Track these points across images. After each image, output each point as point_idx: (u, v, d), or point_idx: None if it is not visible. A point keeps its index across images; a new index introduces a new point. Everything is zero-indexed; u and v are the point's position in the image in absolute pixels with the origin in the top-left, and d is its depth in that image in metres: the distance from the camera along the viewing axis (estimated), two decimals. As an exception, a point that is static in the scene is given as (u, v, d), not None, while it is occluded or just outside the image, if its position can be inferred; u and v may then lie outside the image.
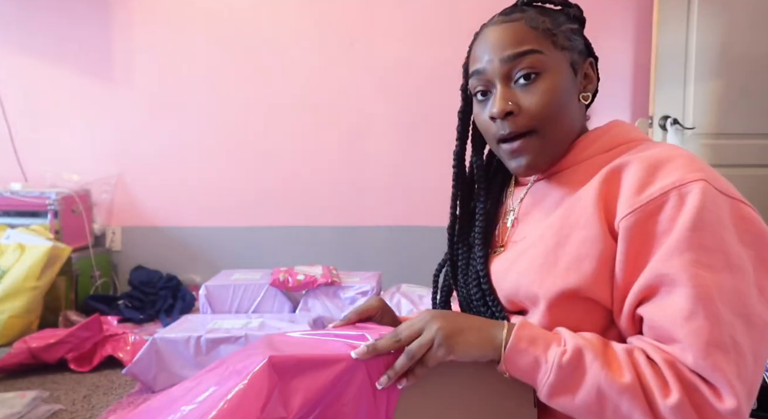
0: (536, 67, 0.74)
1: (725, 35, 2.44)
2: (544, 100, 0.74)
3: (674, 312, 0.60)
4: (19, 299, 2.18)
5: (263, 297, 2.19)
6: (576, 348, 0.64)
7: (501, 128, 0.76)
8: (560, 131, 0.77)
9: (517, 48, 0.75)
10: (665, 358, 0.61)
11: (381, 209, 2.84)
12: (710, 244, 0.61)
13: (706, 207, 0.62)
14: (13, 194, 2.56)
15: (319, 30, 2.82)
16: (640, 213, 0.64)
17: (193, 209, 2.88)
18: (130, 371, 1.72)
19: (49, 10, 2.83)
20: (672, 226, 0.63)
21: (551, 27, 0.77)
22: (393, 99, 2.81)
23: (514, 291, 0.75)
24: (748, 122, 2.46)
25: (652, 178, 0.66)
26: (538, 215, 0.79)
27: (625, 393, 0.60)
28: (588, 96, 0.81)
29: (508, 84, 0.76)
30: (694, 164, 0.66)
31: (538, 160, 0.76)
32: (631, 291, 0.65)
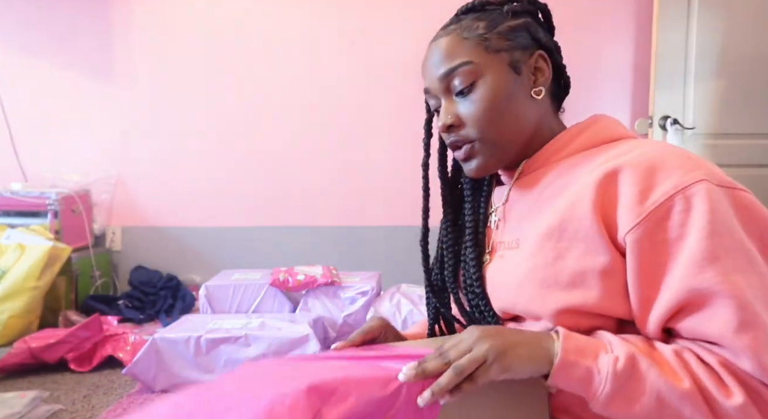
0: (469, 78, 0.76)
1: (725, 35, 2.44)
2: (481, 108, 0.75)
3: (722, 326, 0.59)
4: (19, 299, 2.18)
5: (263, 297, 2.19)
6: (629, 355, 0.61)
7: (447, 138, 0.80)
8: (503, 133, 0.77)
9: (448, 64, 0.77)
10: (719, 360, 0.59)
11: (381, 209, 2.84)
12: (731, 246, 0.61)
13: (715, 209, 0.61)
14: (13, 194, 2.56)
15: (320, 30, 2.82)
16: (647, 223, 0.63)
17: (193, 209, 2.88)
18: (130, 371, 1.72)
19: (49, 10, 2.83)
20: (685, 232, 0.61)
21: (484, 32, 0.77)
22: (393, 99, 2.81)
23: (511, 306, 0.74)
24: (748, 122, 2.46)
25: (651, 183, 0.64)
26: (521, 213, 0.78)
27: (686, 399, 0.59)
28: (540, 91, 0.78)
29: (450, 98, 0.79)
30: (689, 162, 0.65)
31: (486, 162, 0.78)
32: (659, 306, 0.63)
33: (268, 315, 2.07)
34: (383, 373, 0.62)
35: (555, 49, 0.83)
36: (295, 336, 1.79)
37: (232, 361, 1.75)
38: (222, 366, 1.76)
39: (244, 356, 1.76)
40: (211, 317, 2.02)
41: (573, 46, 0.88)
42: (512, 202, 0.81)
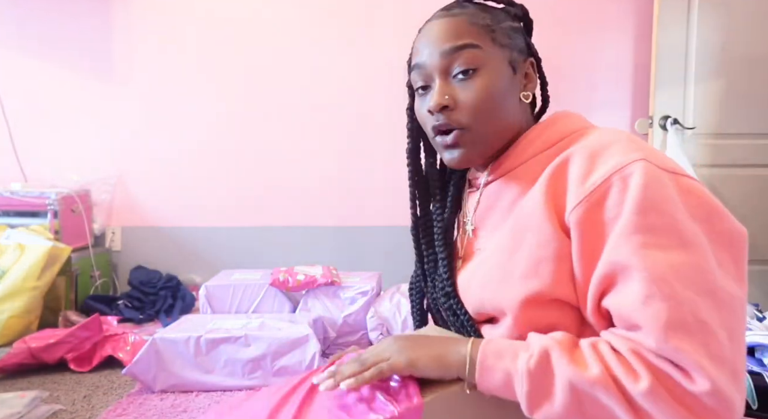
0: (474, 63, 0.74)
1: (725, 35, 2.44)
2: (480, 97, 0.74)
3: (632, 298, 0.59)
4: (19, 299, 2.18)
5: (263, 297, 2.19)
6: (542, 349, 0.62)
7: (436, 119, 0.77)
8: (494, 128, 0.76)
9: (455, 41, 0.75)
10: (630, 347, 0.59)
11: (381, 209, 2.84)
12: (659, 223, 0.60)
13: (650, 186, 0.61)
14: (13, 194, 2.56)
15: (319, 29, 2.82)
16: (586, 203, 0.64)
17: (193, 209, 2.88)
18: (130, 371, 1.72)
19: (49, 10, 2.83)
20: (620, 211, 0.62)
21: (491, 23, 0.76)
22: (393, 98, 2.80)
23: (480, 304, 0.75)
24: (748, 122, 2.46)
25: (593, 165, 0.65)
26: (493, 221, 0.79)
27: (596, 386, 0.58)
28: (529, 95, 0.79)
29: (446, 78, 0.76)
30: (631, 145, 0.66)
31: (470, 154, 0.77)
32: (590, 285, 0.64)
33: (268, 315, 2.07)
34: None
35: (539, 63, 0.84)
36: (295, 336, 1.79)
37: (232, 361, 1.75)
38: (222, 366, 1.76)
39: (244, 356, 1.76)
40: (211, 317, 2.02)
41: (573, 46, 0.89)
42: (484, 210, 0.81)
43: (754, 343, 1.38)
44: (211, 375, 1.75)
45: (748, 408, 1.20)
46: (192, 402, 1.67)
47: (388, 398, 0.65)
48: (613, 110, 2.74)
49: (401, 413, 0.63)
